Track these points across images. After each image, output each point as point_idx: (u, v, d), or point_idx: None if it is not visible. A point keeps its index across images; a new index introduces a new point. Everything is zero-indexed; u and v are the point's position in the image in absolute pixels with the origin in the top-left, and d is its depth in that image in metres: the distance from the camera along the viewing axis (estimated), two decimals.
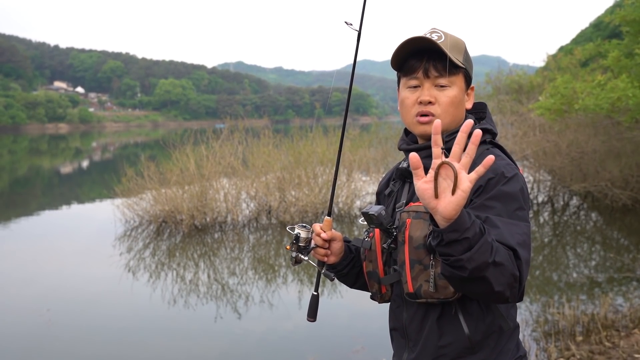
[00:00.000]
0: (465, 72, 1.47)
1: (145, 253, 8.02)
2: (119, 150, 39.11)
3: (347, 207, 10.19)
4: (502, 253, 1.18)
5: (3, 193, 17.20)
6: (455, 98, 1.44)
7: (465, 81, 1.48)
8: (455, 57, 1.42)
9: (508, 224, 1.27)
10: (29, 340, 4.96)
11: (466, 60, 1.47)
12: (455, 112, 1.45)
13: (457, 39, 1.47)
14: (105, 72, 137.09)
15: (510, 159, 1.44)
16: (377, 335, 4.70)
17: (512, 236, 1.25)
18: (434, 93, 1.43)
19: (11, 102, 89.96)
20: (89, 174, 23.88)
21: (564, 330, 4.54)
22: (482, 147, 1.44)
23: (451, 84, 1.43)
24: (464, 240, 1.14)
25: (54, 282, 6.79)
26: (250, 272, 7.13)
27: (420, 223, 1.36)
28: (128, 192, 9.77)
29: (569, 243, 8.38)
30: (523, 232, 1.28)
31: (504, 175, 1.34)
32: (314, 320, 1.63)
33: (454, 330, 1.39)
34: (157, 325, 5.41)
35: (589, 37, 21.41)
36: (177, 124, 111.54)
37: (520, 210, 1.32)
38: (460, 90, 1.46)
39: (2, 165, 27.49)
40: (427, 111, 1.43)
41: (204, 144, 10.25)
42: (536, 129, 10.71)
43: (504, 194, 1.32)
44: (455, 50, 1.43)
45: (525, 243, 1.27)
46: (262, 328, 5.26)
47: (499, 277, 1.18)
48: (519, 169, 1.43)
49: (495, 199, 1.31)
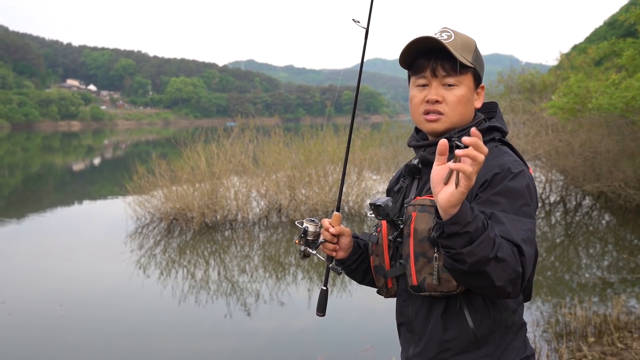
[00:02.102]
0: (474, 71, 1.48)
1: (156, 250, 8.08)
2: (131, 148, 39.34)
3: (358, 205, 10.18)
4: (505, 249, 1.20)
5: (16, 190, 17.39)
6: (463, 97, 1.45)
7: (475, 80, 1.49)
8: (464, 57, 1.44)
9: (513, 220, 1.28)
10: (43, 334, 5.02)
11: (476, 59, 1.48)
12: (463, 110, 1.46)
13: (468, 38, 1.48)
14: (117, 70, 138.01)
15: (520, 158, 1.45)
16: (387, 334, 4.69)
17: (517, 232, 1.25)
18: (442, 92, 1.45)
19: (25, 99, 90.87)
20: (100, 172, 24.06)
21: (575, 331, 4.51)
22: (490, 144, 1.45)
23: (459, 83, 1.45)
24: (464, 234, 1.16)
25: (67, 278, 6.86)
26: (260, 270, 7.15)
27: (426, 216, 1.37)
28: (139, 190, 9.83)
29: (581, 243, 8.32)
30: (528, 228, 1.29)
31: (511, 170, 1.35)
32: (323, 314, 1.63)
33: (459, 325, 1.39)
34: (167, 322, 5.44)
35: (604, 35, 21.20)
36: (188, 122, 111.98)
37: (526, 207, 1.32)
38: (469, 89, 1.47)
39: (15, 162, 27.78)
40: (434, 109, 1.45)
41: (215, 142, 10.29)
42: (549, 129, 10.63)
43: (509, 189, 1.32)
44: (464, 50, 1.45)
45: (530, 240, 1.28)
46: (272, 326, 5.28)
47: (501, 273, 1.19)
48: (529, 168, 1.44)
49: (501, 194, 1.32)
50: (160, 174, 9.71)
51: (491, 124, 1.49)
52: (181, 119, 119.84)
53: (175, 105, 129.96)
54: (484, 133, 1.46)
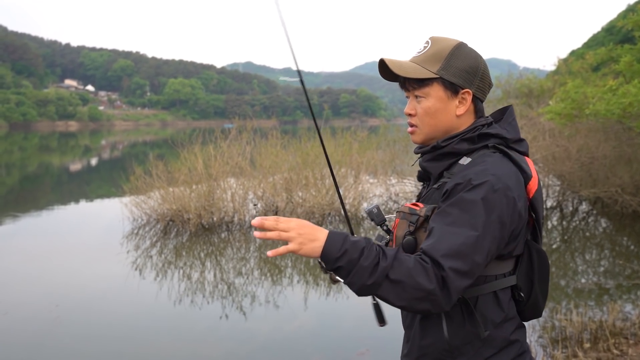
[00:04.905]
0: (443, 80, 1.44)
1: (152, 251, 8.05)
2: (128, 149, 39.30)
3: (354, 209, 10.18)
4: (403, 270, 1.24)
5: (13, 189, 17.34)
6: (429, 109, 1.46)
7: (447, 89, 1.45)
8: (427, 68, 1.44)
9: (448, 233, 1.29)
10: (38, 335, 4.99)
11: (446, 67, 1.44)
12: (432, 122, 1.48)
13: (444, 45, 1.46)
14: (116, 70, 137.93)
15: (518, 166, 1.40)
16: (383, 338, 4.68)
17: (443, 247, 1.27)
18: (415, 105, 1.50)
19: (22, 99, 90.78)
20: (97, 172, 24.02)
21: (571, 337, 4.51)
22: (483, 151, 1.43)
23: (425, 95, 1.46)
24: (339, 268, 1.27)
25: (62, 279, 6.83)
26: (256, 272, 7.13)
27: (404, 223, 1.44)
28: (136, 191, 9.81)
29: (577, 249, 8.32)
30: (462, 242, 1.28)
31: (471, 181, 1.33)
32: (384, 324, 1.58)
33: (435, 332, 1.42)
34: (163, 323, 5.42)
35: (601, 41, 21.28)
36: (185, 123, 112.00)
37: (474, 219, 1.30)
38: (437, 99, 1.46)
39: (12, 162, 27.71)
40: (409, 122, 1.53)
41: (212, 143, 10.28)
42: (546, 134, 10.65)
43: (463, 200, 1.32)
44: (429, 61, 1.45)
45: (460, 253, 1.27)
46: (268, 328, 5.26)
47: (400, 293, 1.25)
48: (530, 177, 1.40)
49: (454, 205, 1.33)
50: (158, 175, 9.69)
51: (485, 131, 1.45)
52: (179, 120, 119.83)
53: (173, 106, 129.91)
54: (476, 140, 1.44)
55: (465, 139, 1.45)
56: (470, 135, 1.45)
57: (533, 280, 1.44)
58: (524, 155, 1.49)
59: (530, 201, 1.42)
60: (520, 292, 1.43)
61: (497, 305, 1.39)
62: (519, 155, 1.46)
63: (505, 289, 1.41)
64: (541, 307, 1.50)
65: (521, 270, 1.43)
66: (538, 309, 1.49)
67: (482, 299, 1.38)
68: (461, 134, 1.46)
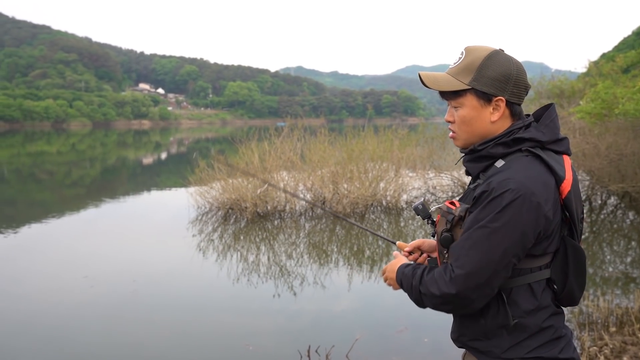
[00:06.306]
0: (475, 90, 1.41)
1: (214, 236, 8.25)
2: (192, 145, 40.19)
3: (395, 200, 10.12)
4: (428, 283, 1.42)
5: (95, 180, 18.09)
6: (464, 117, 1.45)
7: (480, 98, 1.42)
8: (461, 80, 1.42)
9: (465, 240, 1.35)
10: (119, 305, 5.22)
11: (480, 77, 1.40)
12: (468, 129, 1.46)
13: (477, 55, 1.42)
14: (182, 75, 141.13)
15: (550, 169, 1.35)
16: (420, 317, 4.66)
17: (457, 254, 1.37)
18: (453, 113, 1.49)
19: (104, 101, 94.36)
20: (166, 165, 24.71)
21: (597, 321, 4.37)
22: (517, 154, 1.39)
23: (460, 105, 1.45)
24: (404, 289, 1.54)
25: (138, 257, 7.10)
26: (306, 256, 7.20)
27: (443, 220, 1.46)
28: (200, 182, 10.04)
29: (605, 240, 8.01)
30: (470, 246, 1.34)
31: (494, 191, 1.32)
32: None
33: (473, 317, 1.44)
34: (223, 299, 5.57)
35: (631, 44, 20.25)
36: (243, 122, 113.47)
37: (491, 222, 1.31)
38: (471, 108, 1.43)
39: (95, 156, 28.87)
40: (450, 129, 1.53)
41: (267, 140, 10.41)
42: (576, 132, 10.26)
43: (485, 209, 1.33)
44: (462, 73, 1.42)
45: (468, 259, 1.34)
46: (315, 307, 5.32)
47: (430, 300, 1.43)
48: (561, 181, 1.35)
49: (480, 212, 1.34)
50: (219, 167, 9.90)
51: (518, 136, 1.39)
52: (237, 119, 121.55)
53: (232, 106, 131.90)
54: (511, 144, 1.40)
55: (500, 143, 1.41)
56: (505, 139, 1.41)
57: (567, 273, 1.40)
58: (563, 154, 1.43)
59: (563, 201, 1.37)
60: (554, 285, 1.41)
61: (531, 295, 1.38)
62: (556, 155, 1.40)
63: (539, 280, 1.39)
64: (577, 297, 1.46)
65: (556, 264, 1.40)
66: (574, 299, 1.46)
67: (516, 290, 1.38)
68: (496, 139, 1.42)
